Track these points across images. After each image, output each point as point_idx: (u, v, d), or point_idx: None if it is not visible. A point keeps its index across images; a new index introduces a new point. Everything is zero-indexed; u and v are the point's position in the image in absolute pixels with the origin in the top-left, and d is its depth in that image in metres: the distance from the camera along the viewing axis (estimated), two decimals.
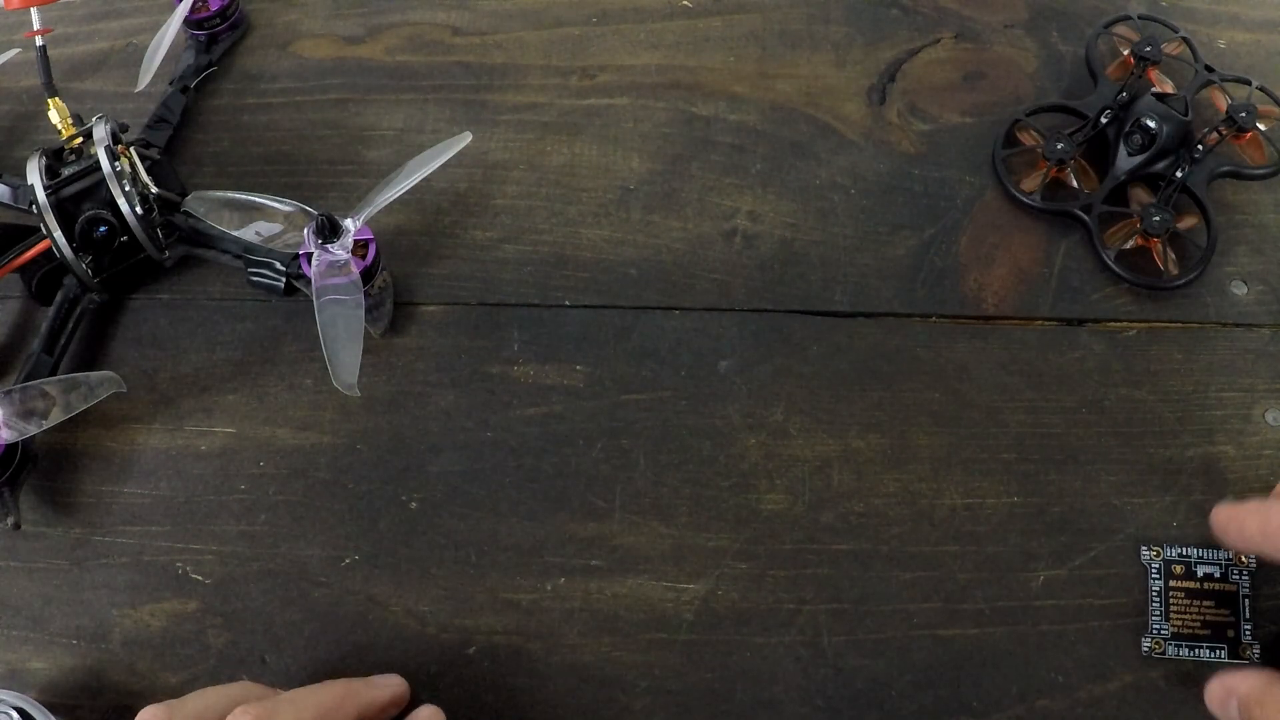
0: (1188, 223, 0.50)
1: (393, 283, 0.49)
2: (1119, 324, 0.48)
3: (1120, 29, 0.56)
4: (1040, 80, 0.56)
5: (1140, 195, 0.51)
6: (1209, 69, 0.53)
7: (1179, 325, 0.48)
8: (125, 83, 0.56)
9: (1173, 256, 0.49)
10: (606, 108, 0.55)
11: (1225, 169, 0.50)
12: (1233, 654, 0.41)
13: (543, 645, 0.42)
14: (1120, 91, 0.52)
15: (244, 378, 0.48)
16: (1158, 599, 0.42)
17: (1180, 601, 0.42)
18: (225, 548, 0.44)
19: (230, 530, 0.44)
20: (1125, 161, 0.50)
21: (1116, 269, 0.49)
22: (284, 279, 0.48)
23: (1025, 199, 0.51)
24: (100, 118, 0.47)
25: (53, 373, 0.46)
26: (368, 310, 0.45)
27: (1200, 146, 0.50)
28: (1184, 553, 0.43)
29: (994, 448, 0.45)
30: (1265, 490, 0.44)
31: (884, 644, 0.42)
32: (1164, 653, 0.41)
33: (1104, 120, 0.51)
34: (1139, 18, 0.56)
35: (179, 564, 0.44)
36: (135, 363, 0.48)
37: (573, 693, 0.41)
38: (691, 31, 0.58)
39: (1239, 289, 0.49)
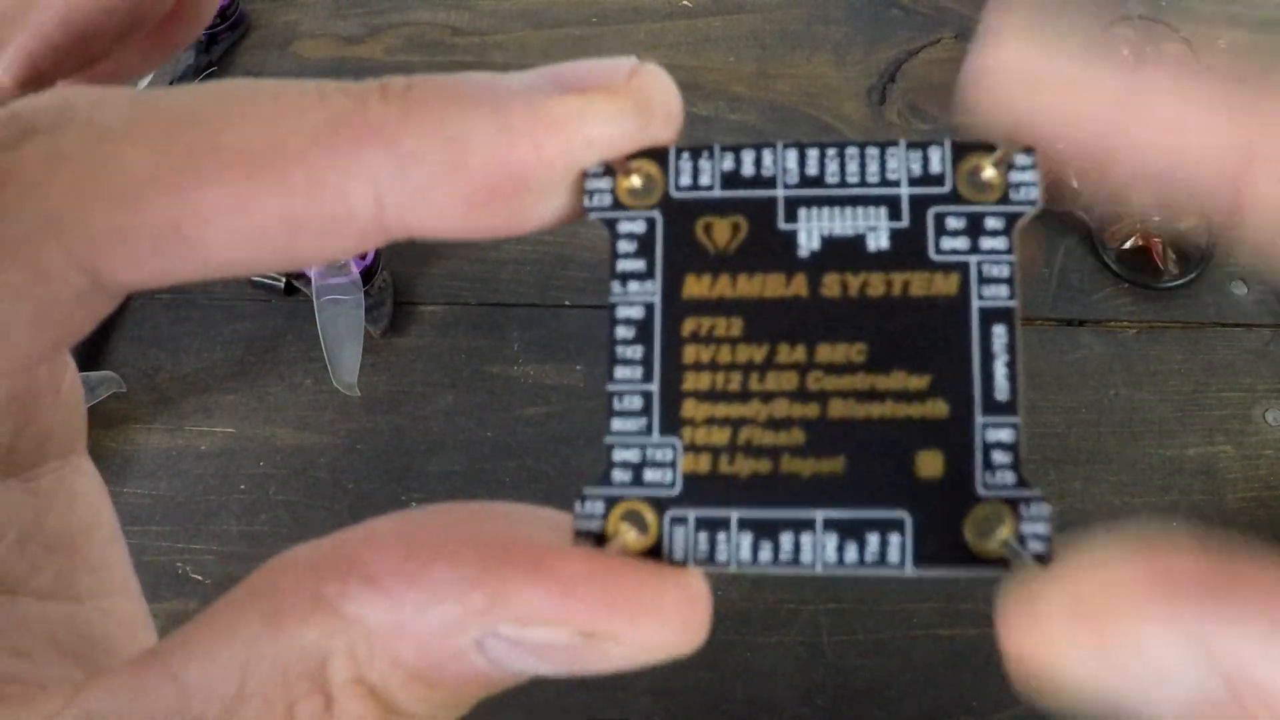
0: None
1: (393, 283, 0.49)
2: (1119, 324, 0.48)
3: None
4: None
5: None
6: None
7: (1179, 325, 0.48)
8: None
9: (1173, 256, 0.49)
10: None
11: None
12: None
13: None
14: None
15: (244, 378, 0.48)
16: None
17: None
18: (225, 548, 0.44)
19: (230, 530, 0.44)
20: None
21: (1116, 269, 0.49)
22: (284, 279, 0.48)
23: None
24: None
25: None
26: (368, 310, 0.45)
27: None
28: None
29: None
30: (1265, 490, 0.44)
31: (884, 644, 0.42)
32: None
33: None
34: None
35: (179, 564, 0.44)
36: (135, 363, 0.48)
37: (574, 692, 0.41)
38: (691, 31, 0.58)
39: (1239, 289, 0.49)
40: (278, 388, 0.47)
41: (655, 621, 0.11)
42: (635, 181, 0.12)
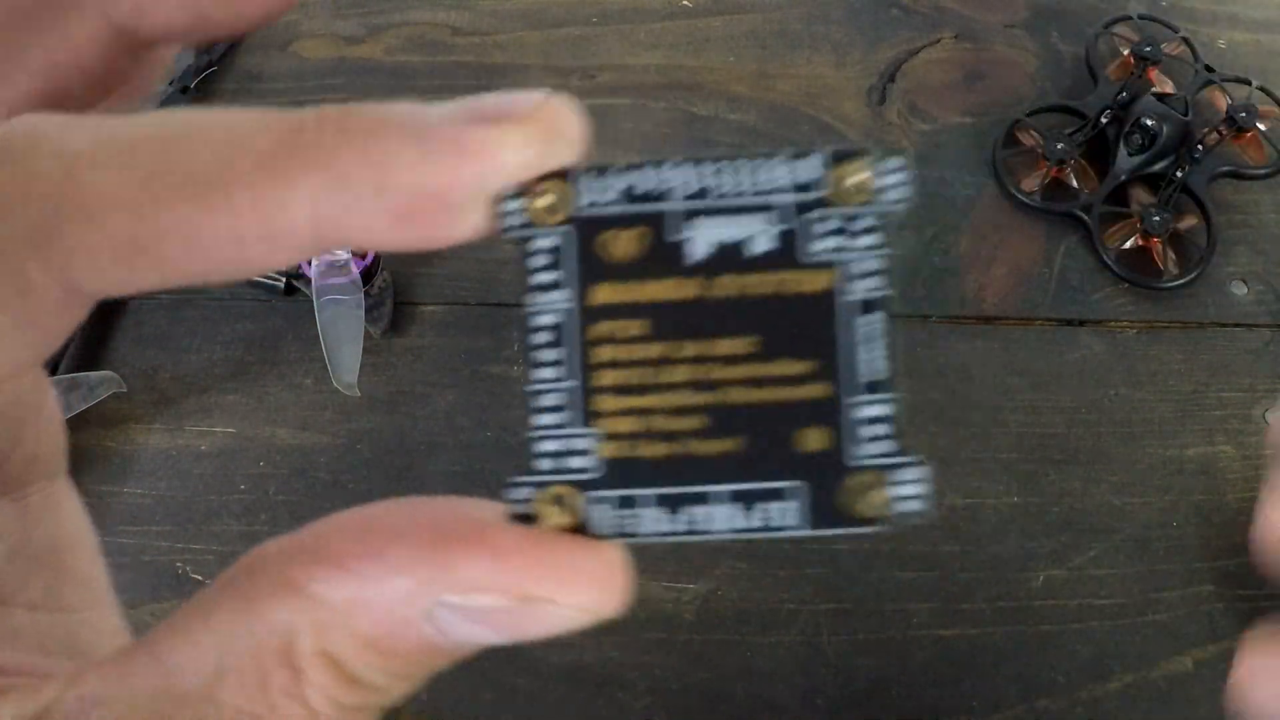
0: (1188, 223, 0.50)
1: (393, 283, 0.49)
2: (1119, 324, 0.48)
3: (1120, 29, 0.56)
4: (1040, 80, 0.55)
5: (1140, 195, 0.51)
6: (1209, 69, 0.53)
7: (1179, 325, 0.48)
8: None
9: (1173, 256, 0.49)
10: (606, 108, 0.55)
11: (1225, 169, 0.50)
12: None
13: (543, 645, 0.42)
14: (1120, 91, 0.52)
15: (244, 378, 0.48)
16: None
17: None
18: (225, 548, 0.44)
19: (230, 530, 0.44)
20: (1125, 161, 0.50)
21: (1116, 269, 0.49)
22: (284, 279, 0.48)
23: (1025, 199, 0.51)
24: None
25: (53, 373, 0.46)
26: (368, 310, 0.45)
27: (1200, 146, 0.50)
28: None
29: (994, 448, 0.45)
30: None
31: (884, 644, 0.42)
32: None
33: (1104, 120, 0.51)
34: (1139, 18, 0.56)
35: (179, 564, 0.44)
36: (135, 363, 0.48)
37: (573, 692, 0.41)
38: (691, 31, 0.58)
39: (1239, 289, 0.49)
40: (278, 388, 0.47)
41: (582, 585, 0.13)
42: (545, 201, 0.14)
